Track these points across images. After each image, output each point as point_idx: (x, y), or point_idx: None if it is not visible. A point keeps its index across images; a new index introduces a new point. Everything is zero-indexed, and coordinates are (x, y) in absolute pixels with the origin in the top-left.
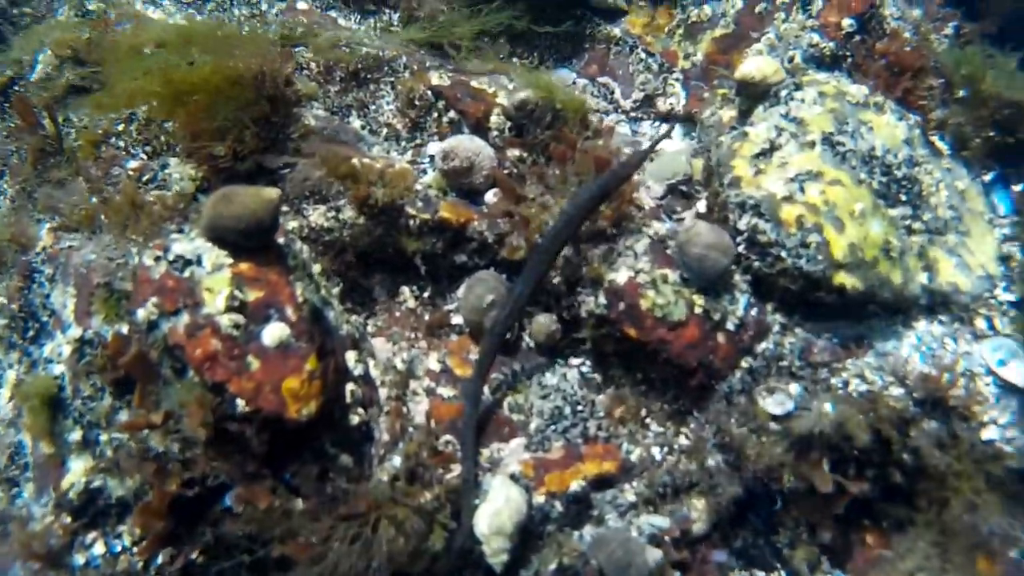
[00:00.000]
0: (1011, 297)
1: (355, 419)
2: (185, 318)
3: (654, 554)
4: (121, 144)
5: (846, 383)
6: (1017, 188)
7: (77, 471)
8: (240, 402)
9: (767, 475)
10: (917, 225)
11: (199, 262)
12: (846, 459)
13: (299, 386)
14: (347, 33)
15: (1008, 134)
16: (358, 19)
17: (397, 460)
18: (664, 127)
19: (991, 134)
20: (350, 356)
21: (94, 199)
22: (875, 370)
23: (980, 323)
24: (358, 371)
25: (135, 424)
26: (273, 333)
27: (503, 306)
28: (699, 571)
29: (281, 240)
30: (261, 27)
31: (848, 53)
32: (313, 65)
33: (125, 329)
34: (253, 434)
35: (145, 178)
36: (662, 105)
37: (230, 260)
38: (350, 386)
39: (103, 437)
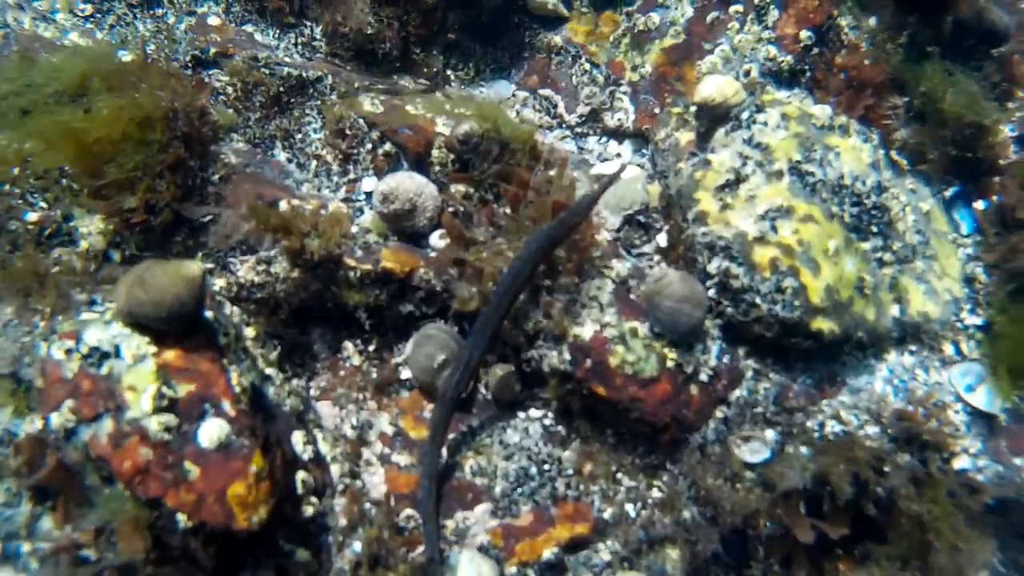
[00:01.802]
0: (977, 320)
1: (309, 510)
2: (108, 425)
3: None
4: (17, 191)
5: (822, 425)
6: (979, 206)
7: None
8: (181, 517)
9: (744, 524)
10: (888, 256)
11: (117, 353)
12: (818, 496)
13: (246, 492)
14: (265, 52)
15: (967, 151)
16: (277, 34)
17: (357, 546)
18: (616, 155)
19: (951, 151)
20: (297, 438)
21: None
22: (850, 409)
23: (947, 348)
24: (307, 454)
25: (62, 548)
26: (211, 432)
27: (454, 370)
28: None
29: (210, 314)
30: (168, 46)
31: (807, 67)
32: (230, 89)
33: (39, 423)
34: (198, 547)
35: (47, 232)
36: (609, 120)
37: (153, 348)
38: (300, 474)
39: (25, 548)
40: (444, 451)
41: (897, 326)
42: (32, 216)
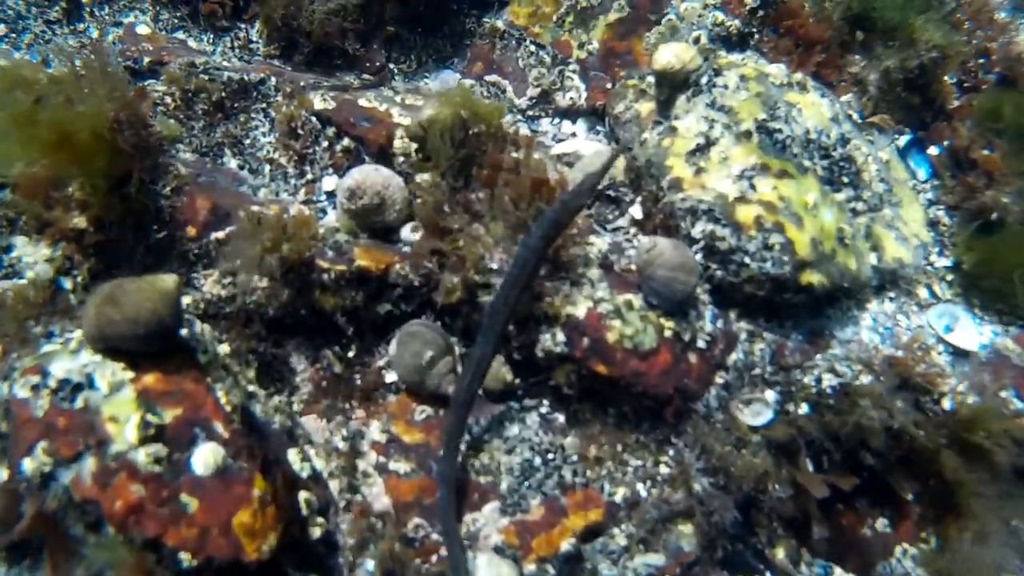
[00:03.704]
0: (946, 262)
1: (317, 531)
2: (91, 463)
3: None
4: None
5: (819, 380)
6: (933, 151)
7: None
8: (184, 556)
9: (756, 488)
10: (860, 206)
11: (91, 383)
12: (818, 452)
13: (252, 519)
14: (202, 58)
15: (917, 92)
16: (211, 39)
17: (370, 564)
18: (571, 135)
19: (901, 93)
20: (293, 456)
21: None
22: (842, 361)
23: (922, 292)
24: (305, 471)
25: None
26: (206, 458)
27: (465, 371)
28: None
29: (184, 331)
30: (98, 59)
31: (754, 30)
32: (169, 99)
33: (4, 473)
34: None
35: None
36: (561, 100)
37: (130, 374)
38: (303, 494)
39: None
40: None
41: (876, 274)
42: None
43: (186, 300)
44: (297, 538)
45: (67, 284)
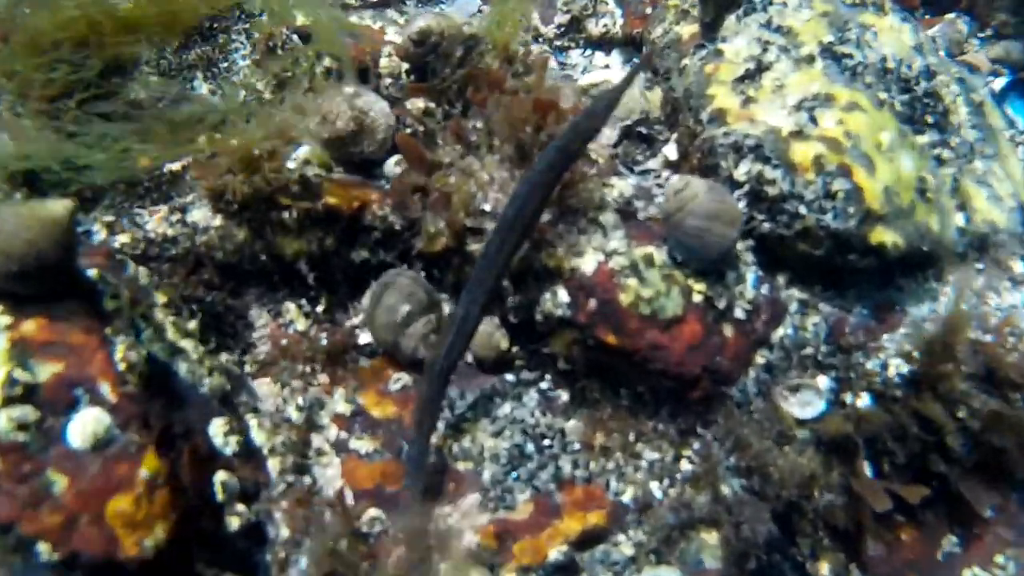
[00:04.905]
0: None
1: (235, 522)
2: None
3: None
4: None
5: (884, 366)
6: None
7: None
8: (43, 548)
9: (799, 495)
10: (946, 153)
11: None
12: (878, 453)
13: (132, 506)
14: None
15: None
16: None
17: (303, 563)
18: (604, 67)
19: (1003, 18)
20: (216, 427)
21: None
22: (916, 344)
23: (1017, 266)
24: (230, 447)
25: None
26: (84, 427)
27: (446, 332)
28: None
29: (93, 272)
30: None
31: None
32: None
33: None
34: None
35: None
36: (593, 28)
37: (8, 319)
38: (220, 475)
39: None
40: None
41: (961, 238)
42: None
43: (123, 238)
44: (208, 529)
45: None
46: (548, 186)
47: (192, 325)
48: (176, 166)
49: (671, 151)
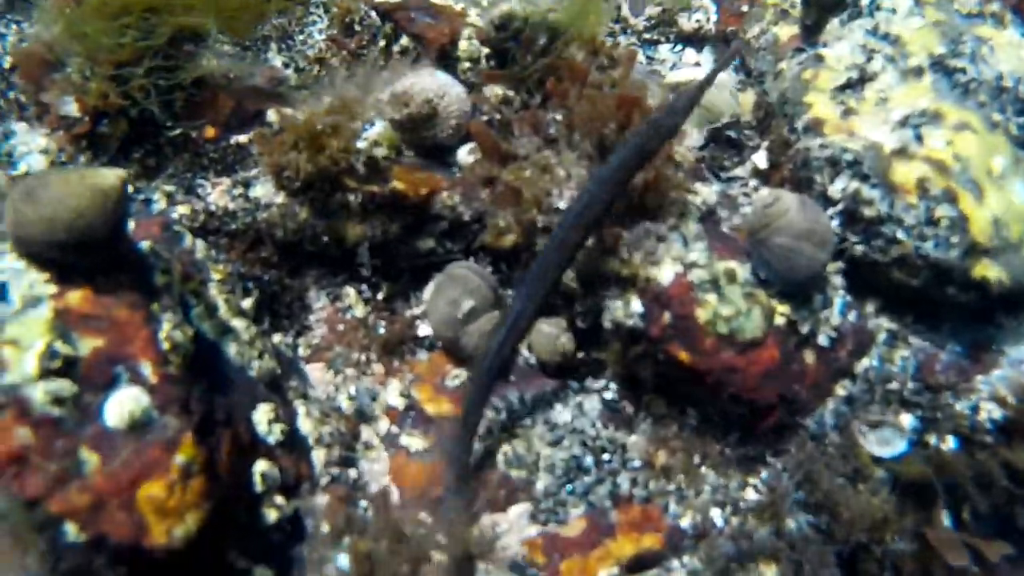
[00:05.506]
0: None
1: (272, 514)
2: None
3: None
4: None
5: (975, 409)
6: None
7: None
8: (70, 528)
9: (868, 538)
10: None
11: (3, 295)
12: (958, 500)
13: (165, 493)
14: None
15: None
16: None
17: (343, 560)
18: (694, 64)
19: None
20: (261, 414)
21: None
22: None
23: None
24: (274, 436)
25: None
26: (122, 407)
27: (498, 327)
28: None
29: (146, 245)
30: None
31: None
32: None
33: None
34: (103, 569)
35: None
36: (686, 23)
37: (52, 288)
38: (261, 464)
39: None
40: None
41: None
42: None
43: (182, 209)
44: (244, 520)
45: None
46: (620, 184)
47: (247, 303)
48: (243, 138)
49: (761, 159)
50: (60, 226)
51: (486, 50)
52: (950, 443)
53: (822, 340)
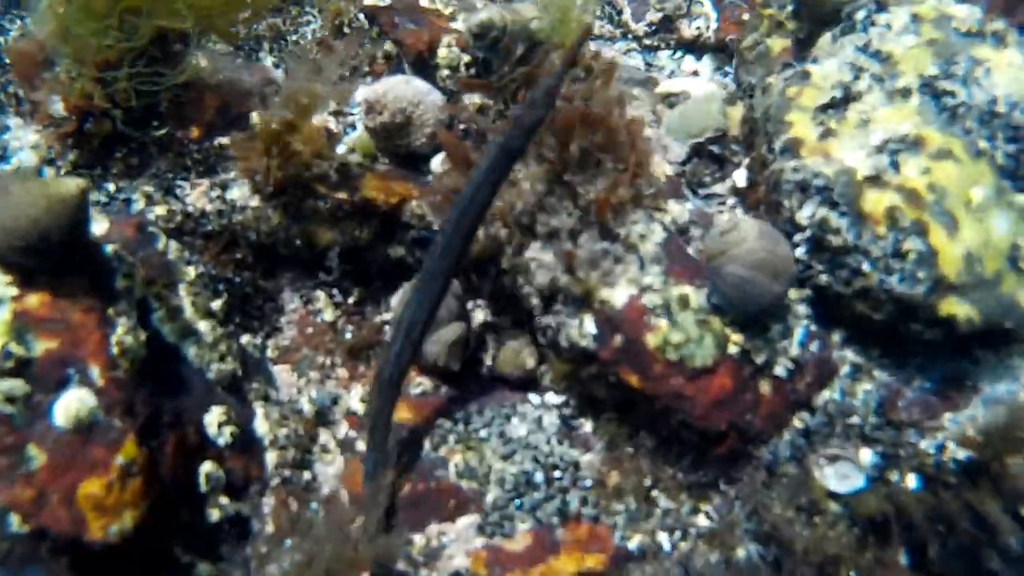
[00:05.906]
0: None
1: (215, 514)
2: None
3: None
4: None
5: (941, 448)
6: None
7: None
8: (14, 519)
9: (821, 573)
10: None
11: None
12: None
13: (103, 491)
14: None
15: None
16: None
17: (286, 563)
18: (692, 72)
19: None
20: (212, 416)
21: None
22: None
23: None
24: (224, 438)
25: None
26: (68, 407)
27: (393, 340)
28: None
29: (111, 248)
30: None
31: None
32: None
33: None
34: (46, 559)
35: None
36: (686, 29)
37: (14, 291)
38: (206, 466)
39: None
40: (427, 443)
41: None
42: None
43: (159, 210)
44: (187, 520)
45: (48, 175)
46: (492, 185)
47: (216, 304)
48: (227, 139)
49: (741, 177)
50: (18, 234)
51: (466, 58)
52: (912, 481)
53: (779, 371)
